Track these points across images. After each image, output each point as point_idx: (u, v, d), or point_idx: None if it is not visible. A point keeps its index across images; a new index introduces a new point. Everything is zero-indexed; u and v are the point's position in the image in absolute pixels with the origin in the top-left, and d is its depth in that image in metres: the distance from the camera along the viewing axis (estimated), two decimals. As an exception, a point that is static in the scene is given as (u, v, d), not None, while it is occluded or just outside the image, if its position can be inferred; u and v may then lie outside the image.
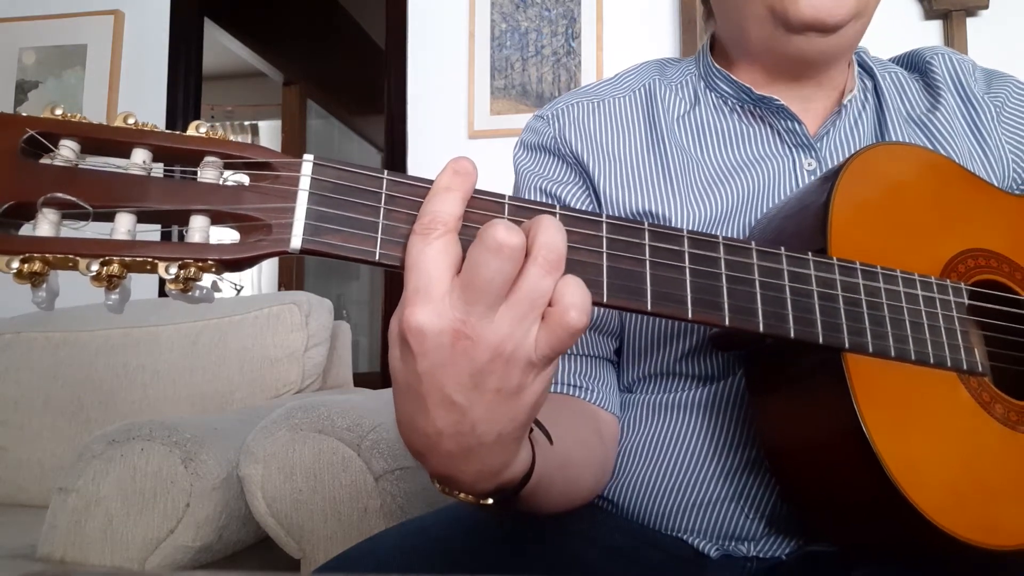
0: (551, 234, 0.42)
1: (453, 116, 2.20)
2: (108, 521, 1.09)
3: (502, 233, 0.39)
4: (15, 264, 0.36)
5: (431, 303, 0.40)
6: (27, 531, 1.26)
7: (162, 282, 0.40)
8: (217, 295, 0.41)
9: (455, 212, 0.41)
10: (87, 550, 1.08)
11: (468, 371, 0.41)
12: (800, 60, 0.73)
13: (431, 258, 0.40)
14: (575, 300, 0.41)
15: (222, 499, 1.12)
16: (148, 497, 1.09)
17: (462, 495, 0.49)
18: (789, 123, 0.73)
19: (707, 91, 0.78)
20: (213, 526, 1.11)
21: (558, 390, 0.72)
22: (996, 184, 0.71)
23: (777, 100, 0.72)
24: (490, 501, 0.50)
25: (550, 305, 0.42)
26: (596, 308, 0.74)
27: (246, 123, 5.07)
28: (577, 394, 0.72)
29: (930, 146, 0.74)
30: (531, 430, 0.51)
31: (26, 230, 0.38)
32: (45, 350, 1.72)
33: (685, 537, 0.70)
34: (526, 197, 0.77)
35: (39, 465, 1.64)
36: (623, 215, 0.74)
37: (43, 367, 1.70)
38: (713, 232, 0.70)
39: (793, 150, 0.74)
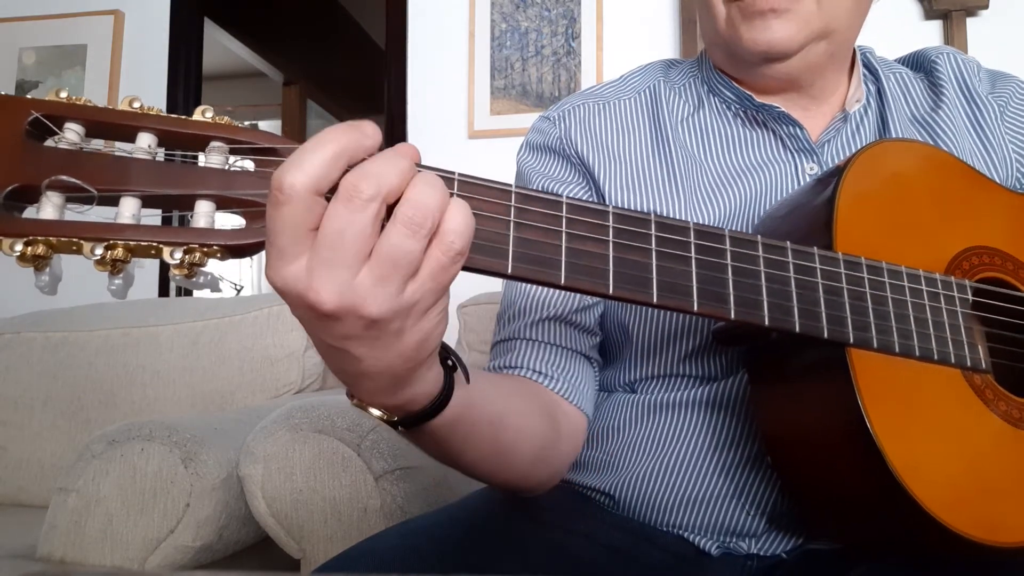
0: (419, 190, 0.40)
1: (453, 116, 2.20)
2: (108, 521, 1.08)
3: (351, 179, 0.38)
4: (18, 247, 0.36)
5: (283, 264, 0.40)
6: (27, 531, 1.26)
7: (163, 281, 0.39)
8: (217, 295, 0.41)
9: (302, 178, 0.38)
10: (87, 550, 1.08)
11: (332, 333, 0.42)
12: (770, 83, 0.74)
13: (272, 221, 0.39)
14: (449, 226, 0.40)
15: (222, 499, 1.12)
16: (148, 497, 1.09)
17: (372, 410, 0.50)
18: (791, 128, 0.74)
19: (710, 95, 0.79)
20: (213, 526, 1.11)
21: (520, 373, 0.72)
22: (999, 182, 0.71)
23: (778, 107, 0.73)
24: (395, 419, 0.51)
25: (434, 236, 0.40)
26: (575, 302, 0.74)
27: (246, 123, 5.07)
28: (539, 380, 0.72)
29: (933, 144, 0.74)
30: (454, 368, 0.52)
31: (30, 213, 0.38)
32: (45, 350, 1.72)
33: (686, 534, 0.70)
34: None
35: (39, 465, 1.64)
36: None
37: (43, 367, 1.70)
38: None
39: (795, 155, 0.74)
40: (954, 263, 0.62)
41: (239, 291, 0.43)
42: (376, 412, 0.50)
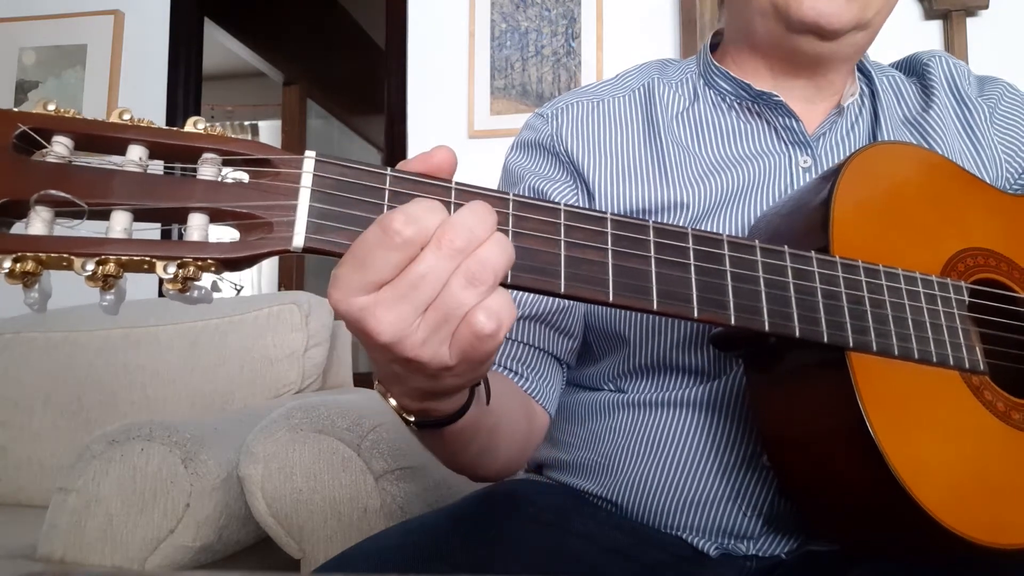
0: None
1: (453, 116, 2.19)
2: (108, 521, 1.08)
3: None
4: (7, 263, 0.35)
5: (361, 293, 0.41)
6: (27, 531, 1.26)
7: (161, 282, 0.38)
8: (217, 295, 0.41)
9: (423, 234, 0.41)
10: (87, 550, 1.08)
11: (379, 357, 0.44)
12: (800, 59, 0.74)
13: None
14: (490, 303, 0.41)
15: (222, 499, 1.12)
16: (148, 497, 1.09)
17: (391, 400, 0.51)
18: (787, 120, 0.74)
19: (706, 88, 0.79)
20: (213, 526, 1.11)
21: (492, 368, 0.73)
22: (990, 183, 0.71)
23: (776, 96, 0.73)
24: (412, 418, 0.52)
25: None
26: (555, 303, 0.74)
27: (246, 123, 5.07)
28: (511, 377, 0.73)
29: (923, 144, 0.75)
30: (477, 383, 0.53)
31: (18, 229, 0.37)
32: (45, 350, 1.72)
33: (684, 535, 0.70)
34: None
35: (39, 465, 1.64)
36: (618, 209, 0.74)
37: (43, 367, 1.70)
38: (707, 222, 0.71)
39: (789, 147, 0.75)
40: (950, 265, 0.62)
41: (239, 291, 0.43)
42: (394, 403, 0.51)
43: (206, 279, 0.39)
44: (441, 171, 0.44)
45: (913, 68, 0.82)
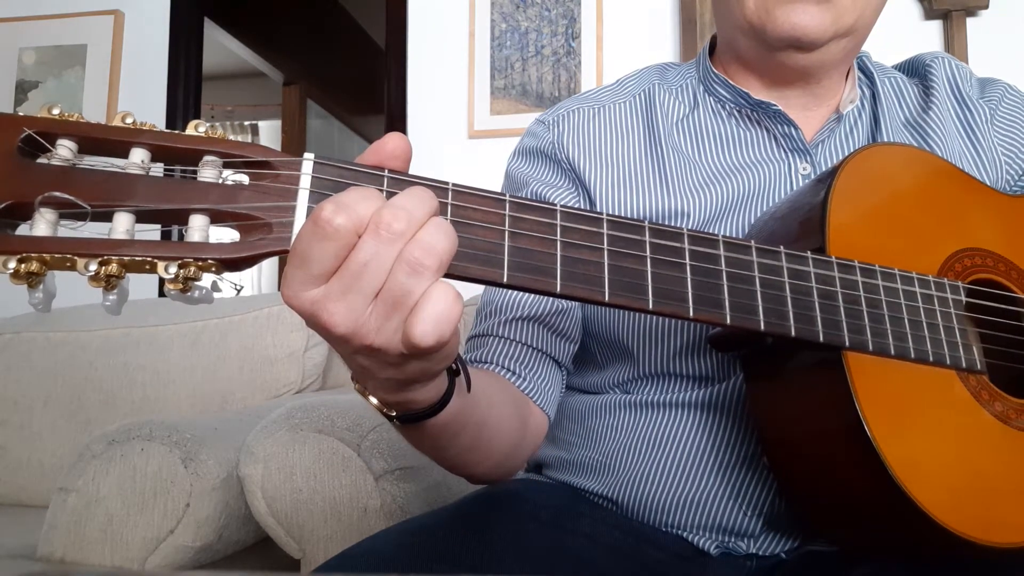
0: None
1: (453, 116, 2.20)
2: (108, 521, 1.08)
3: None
4: (12, 264, 0.36)
5: (306, 288, 0.41)
6: (27, 531, 1.26)
7: (162, 282, 0.39)
8: (217, 295, 0.41)
9: (356, 220, 0.41)
10: (87, 550, 1.08)
11: (341, 349, 0.44)
12: (787, 72, 0.74)
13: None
14: (427, 312, 0.40)
15: (222, 499, 1.12)
16: (148, 497, 1.09)
17: (371, 399, 0.51)
18: (786, 128, 0.74)
19: (706, 95, 0.79)
20: (213, 526, 1.11)
21: (490, 368, 0.74)
22: (989, 184, 0.72)
23: (775, 105, 0.74)
24: (394, 413, 0.52)
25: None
26: (552, 304, 0.74)
27: (246, 123, 5.07)
28: (508, 377, 0.73)
29: (924, 145, 0.75)
30: (457, 373, 0.53)
31: (23, 230, 0.37)
32: (45, 350, 1.72)
33: (684, 534, 0.70)
34: None
35: (39, 465, 1.64)
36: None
37: (43, 367, 1.70)
38: (708, 229, 0.71)
39: (789, 154, 0.75)
40: (947, 265, 0.62)
41: (239, 291, 0.43)
42: (374, 401, 0.51)
43: (206, 279, 0.40)
44: (395, 159, 0.44)
45: (915, 69, 0.82)
